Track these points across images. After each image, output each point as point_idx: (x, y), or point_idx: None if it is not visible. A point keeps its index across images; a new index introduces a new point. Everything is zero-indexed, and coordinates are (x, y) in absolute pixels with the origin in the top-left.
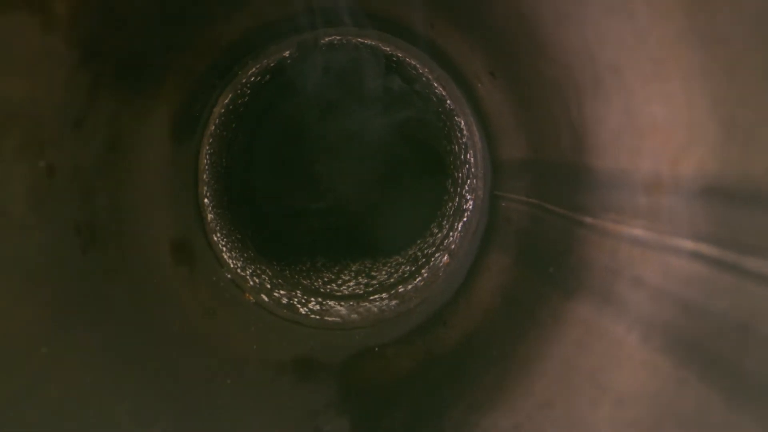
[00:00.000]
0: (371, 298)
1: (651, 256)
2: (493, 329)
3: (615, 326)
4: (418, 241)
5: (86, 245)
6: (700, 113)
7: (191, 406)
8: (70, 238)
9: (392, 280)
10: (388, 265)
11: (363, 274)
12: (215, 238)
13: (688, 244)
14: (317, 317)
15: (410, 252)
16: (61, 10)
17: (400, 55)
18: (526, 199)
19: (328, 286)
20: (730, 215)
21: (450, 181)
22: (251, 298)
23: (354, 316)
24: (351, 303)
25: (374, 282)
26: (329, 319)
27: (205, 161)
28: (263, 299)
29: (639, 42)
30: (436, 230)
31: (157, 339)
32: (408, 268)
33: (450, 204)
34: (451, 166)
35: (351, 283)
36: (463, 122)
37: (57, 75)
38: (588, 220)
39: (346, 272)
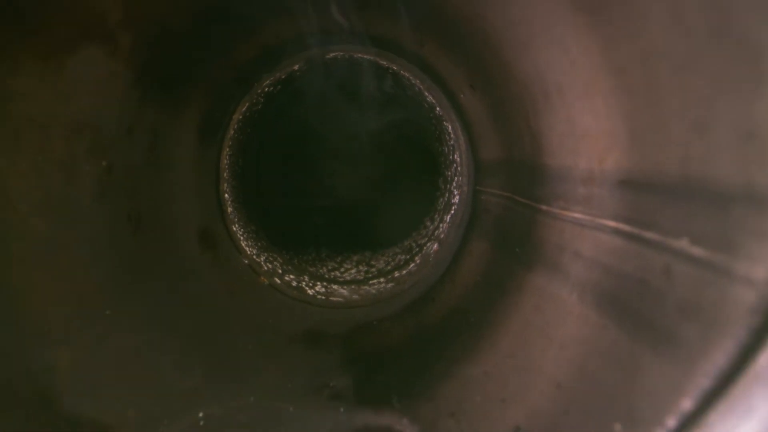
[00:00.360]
0: (370, 282)
1: (586, 233)
2: (472, 302)
3: (561, 290)
4: (413, 234)
5: (134, 230)
6: (615, 124)
7: (221, 363)
8: (122, 224)
9: (389, 267)
10: (386, 255)
11: (363, 263)
12: (234, 229)
13: (611, 223)
14: (323, 297)
15: (406, 243)
16: (123, 41)
17: (395, 67)
18: (500, 193)
19: (332, 273)
20: (635, 200)
21: (441, 179)
22: (265, 280)
23: (355, 296)
24: (352, 286)
25: (373, 269)
26: (333, 299)
27: (226, 161)
28: (276, 282)
29: (573, 69)
30: (428, 223)
31: (189, 309)
32: (403, 256)
33: (441, 199)
34: (442, 166)
35: (352, 271)
36: (450, 127)
37: (116, 92)
38: (543, 207)
39: (348, 262)
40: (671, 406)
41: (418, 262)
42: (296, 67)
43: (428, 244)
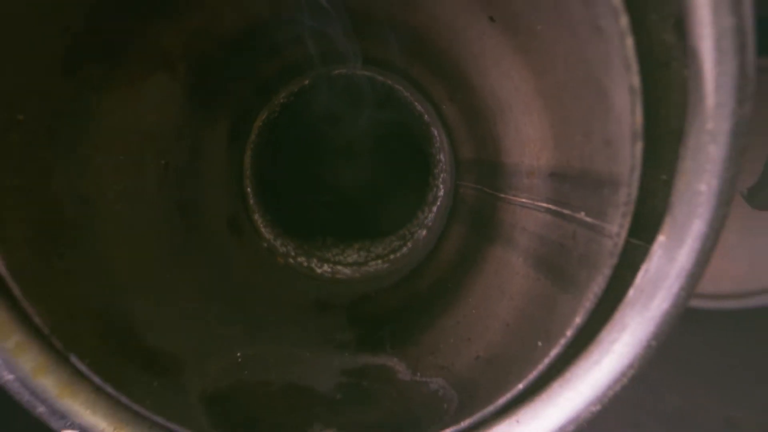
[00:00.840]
0: (369, 263)
1: (529, 213)
2: (450, 273)
3: (511, 257)
4: (407, 223)
5: (182, 215)
6: (545, 133)
7: (253, 322)
8: (174, 210)
9: (386, 252)
10: (384, 242)
11: (363, 250)
12: (255, 217)
13: (544, 205)
14: (329, 275)
15: (401, 232)
16: (180, 70)
17: (389, 82)
18: (473, 186)
19: (337, 257)
20: (558, 187)
21: (430, 176)
22: (282, 260)
23: (357, 275)
24: (354, 267)
25: (372, 254)
26: (338, 276)
27: (248, 161)
28: (290, 262)
29: (517, 92)
30: (420, 214)
31: (224, 281)
32: (398, 242)
33: (430, 193)
34: (431, 165)
35: (354, 255)
36: (436, 132)
37: (173, 108)
38: (502, 195)
39: (350, 249)
40: (570, 323)
41: (410, 246)
42: (306, 82)
43: (419, 231)
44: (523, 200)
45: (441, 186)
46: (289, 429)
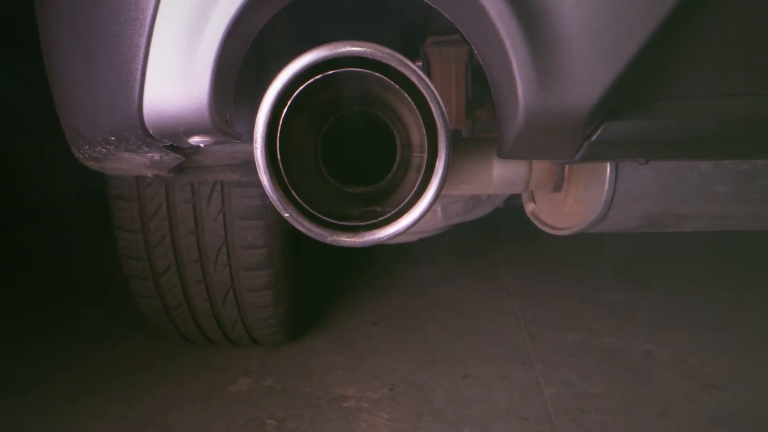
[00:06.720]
0: (369, 189)
1: (416, 157)
2: (395, 183)
3: (410, 172)
4: (385, 173)
5: (306, 164)
6: (417, 134)
7: (327, 202)
8: (305, 159)
9: (375, 185)
10: (375, 182)
11: (366, 183)
12: (323, 169)
13: (418, 154)
14: (352, 191)
15: (383, 177)
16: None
17: (377, 113)
18: (407, 152)
19: (356, 186)
20: (417, 147)
21: (395, 152)
22: (335, 186)
23: (364, 191)
24: (362, 189)
25: (370, 185)
26: (357, 192)
27: (319, 146)
28: (338, 187)
29: (407, 119)
30: (391, 169)
31: (317, 187)
32: (380, 180)
33: (394, 159)
34: (395, 147)
35: (363, 186)
36: (395, 134)
37: (307, 125)
38: (411, 154)
39: (360, 184)
40: (418, 181)
41: (385, 180)
42: (343, 112)
43: (388, 175)
44: (415, 154)
45: (398, 155)
46: (338, 217)
